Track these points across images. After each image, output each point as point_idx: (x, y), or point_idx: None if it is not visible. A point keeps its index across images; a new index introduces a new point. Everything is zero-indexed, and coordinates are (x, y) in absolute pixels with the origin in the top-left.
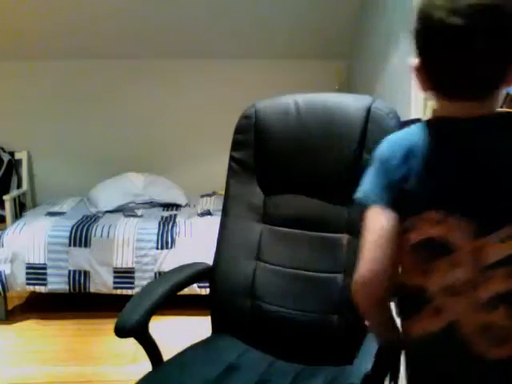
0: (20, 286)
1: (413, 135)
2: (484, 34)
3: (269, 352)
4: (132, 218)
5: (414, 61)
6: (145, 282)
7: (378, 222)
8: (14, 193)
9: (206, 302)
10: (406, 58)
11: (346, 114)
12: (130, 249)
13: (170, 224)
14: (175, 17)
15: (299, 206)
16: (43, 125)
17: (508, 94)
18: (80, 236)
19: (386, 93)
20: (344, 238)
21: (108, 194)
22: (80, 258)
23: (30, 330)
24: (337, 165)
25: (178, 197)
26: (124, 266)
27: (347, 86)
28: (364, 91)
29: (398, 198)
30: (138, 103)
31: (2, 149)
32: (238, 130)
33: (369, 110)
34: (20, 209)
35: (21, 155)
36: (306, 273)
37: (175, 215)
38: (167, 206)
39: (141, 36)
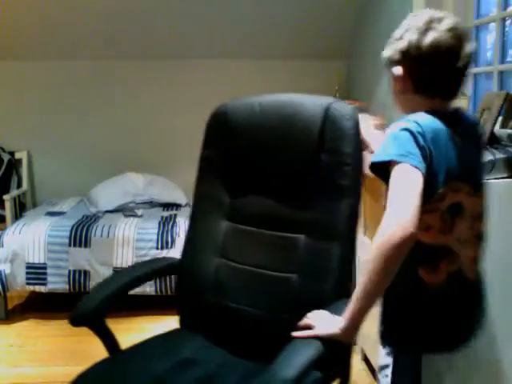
0: (20, 285)
1: (432, 121)
2: (463, 55)
3: (226, 348)
4: (132, 218)
5: (399, 69)
6: (146, 283)
7: (417, 182)
8: (14, 193)
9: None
10: None
11: (305, 114)
12: (130, 249)
13: (170, 224)
14: (174, 17)
15: (261, 206)
16: (43, 125)
17: (508, 94)
18: (80, 236)
19: (386, 93)
20: (301, 238)
21: (108, 194)
22: (80, 258)
23: (30, 329)
24: (296, 165)
25: (178, 197)
26: (124, 265)
27: (347, 86)
28: (364, 91)
29: (426, 169)
30: (138, 103)
31: (2, 149)
32: (208, 129)
33: (327, 111)
34: (20, 209)
35: (21, 155)
36: (264, 271)
37: (175, 215)
38: (167, 206)
39: (141, 36)
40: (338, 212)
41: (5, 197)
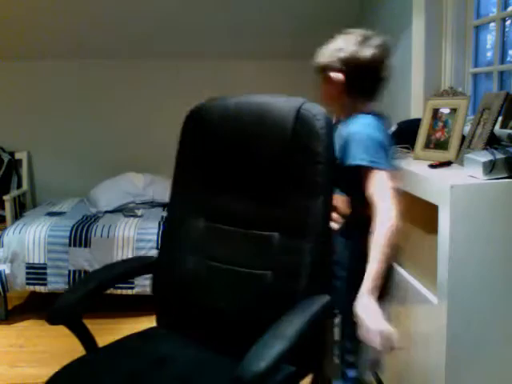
0: (20, 285)
1: (380, 124)
2: (388, 67)
3: (203, 346)
4: (132, 218)
5: (339, 75)
6: (146, 282)
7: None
8: (14, 193)
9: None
10: (405, 58)
11: (277, 115)
12: (130, 249)
13: None
14: (174, 18)
15: (237, 205)
16: (43, 125)
17: (508, 94)
18: (80, 236)
19: (386, 93)
20: (276, 236)
21: (108, 194)
22: (80, 258)
23: (30, 329)
24: (269, 164)
25: None
26: None
27: None
28: None
29: None
30: (137, 103)
31: (2, 149)
32: (184, 129)
33: (299, 111)
34: (20, 209)
35: (21, 155)
36: (241, 269)
37: None
38: (167, 206)
39: (141, 36)
40: (311, 210)
41: (5, 197)
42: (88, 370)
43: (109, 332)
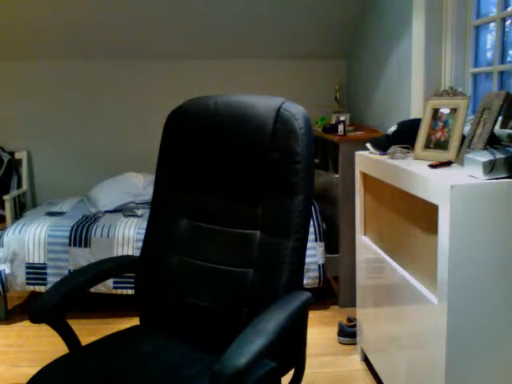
0: (20, 285)
1: None
2: None
3: (187, 343)
4: (132, 218)
5: None
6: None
7: None
8: (14, 193)
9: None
10: (405, 58)
11: (258, 114)
12: (130, 249)
13: None
14: (175, 18)
15: (218, 204)
16: (43, 125)
17: (508, 94)
18: (80, 236)
19: (386, 93)
20: (257, 234)
21: (108, 194)
22: (80, 258)
23: (30, 329)
24: (250, 164)
25: None
26: None
27: (347, 86)
28: (364, 91)
29: None
30: (137, 103)
31: (2, 149)
32: (165, 129)
33: (278, 111)
34: (20, 209)
35: (21, 155)
36: (223, 267)
37: None
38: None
39: (141, 36)
40: (290, 208)
41: (5, 197)
42: (70, 369)
43: (104, 332)
